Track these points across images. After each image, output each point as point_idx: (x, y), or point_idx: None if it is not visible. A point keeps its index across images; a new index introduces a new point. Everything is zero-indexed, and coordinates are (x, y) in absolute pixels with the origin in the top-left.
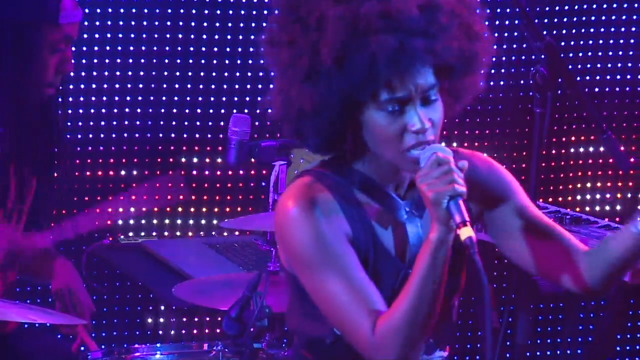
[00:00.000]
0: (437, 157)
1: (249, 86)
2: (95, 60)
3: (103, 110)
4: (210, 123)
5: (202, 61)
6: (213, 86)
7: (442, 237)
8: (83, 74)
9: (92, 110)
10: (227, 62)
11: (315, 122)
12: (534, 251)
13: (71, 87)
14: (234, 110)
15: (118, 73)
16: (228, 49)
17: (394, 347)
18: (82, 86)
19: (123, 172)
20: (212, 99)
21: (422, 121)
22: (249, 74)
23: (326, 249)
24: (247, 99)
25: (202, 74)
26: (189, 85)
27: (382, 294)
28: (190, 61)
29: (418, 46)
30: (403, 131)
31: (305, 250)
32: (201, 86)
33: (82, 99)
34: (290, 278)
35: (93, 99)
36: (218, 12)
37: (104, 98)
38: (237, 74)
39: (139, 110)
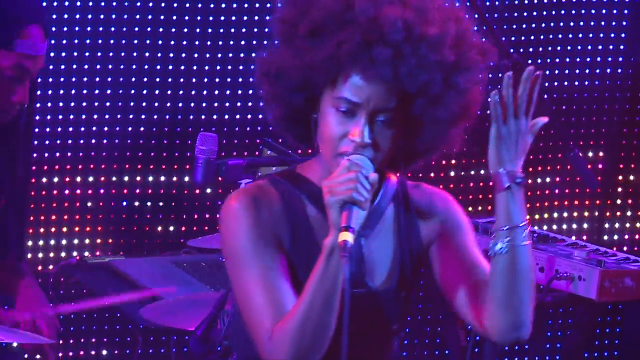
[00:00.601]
0: (349, 163)
1: (216, 104)
2: (62, 79)
3: (70, 129)
4: (177, 141)
5: (169, 79)
6: (180, 104)
7: (334, 242)
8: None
9: (60, 129)
10: (193, 80)
11: (275, 88)
12: (459, 292)
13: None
14: (201, 129)
15: (84, 101)
16: (195, 67)
17: (285, 352)
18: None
19: (90, 191)
20: (179, 117)
21: (363, 135)
22: (216, 92)
23: (254, 246)
24: (215, 117)
25: (168, 92)
26: (156, 104)
27: None
28: (157, 79)
29: (382, 55)
30: (344, 136)
31: (235, 243)
32: (168, 104)
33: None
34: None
35: (60, 117)
36: (184, 30)
37: (71, 116)
38: (205, 92)
39: (106, 129)
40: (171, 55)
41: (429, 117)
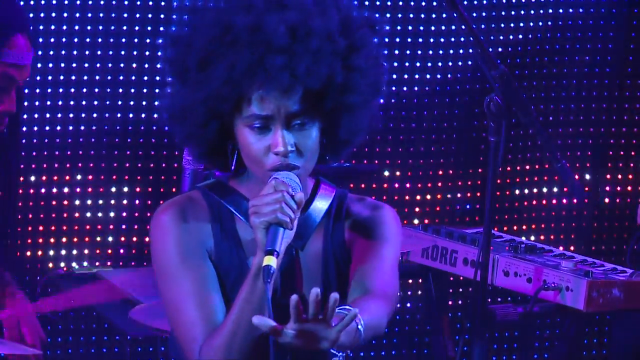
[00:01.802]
0: (275, 182)
1: None
2: (49, 90)
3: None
4: (164, 152)
5: (157, 90)
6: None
7: (260, 263)
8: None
9: (46, 140)
10: None
11: (184, 127)
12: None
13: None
14: None
15: (72, 112)
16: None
17: None
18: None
19: (78, 202)
20: (166, 128)
21: (284, 144)
22: None
23: (182, 259)
24: None
25: (156, 103)
26: (143, 115)
27: None
28: (145, 90)
29: (276, 63)
30: (267, 150)
31: (163, 256)
32: (155, 115)
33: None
34: None
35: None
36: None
37: (58, 127)
38: None
39: (93, 140)
40: (155, 65)
41: (343, 106)
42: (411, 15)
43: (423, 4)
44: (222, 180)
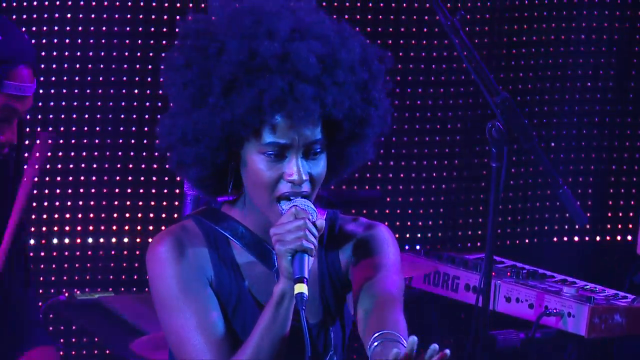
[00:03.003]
0: (295, 210)
1: None
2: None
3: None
4: (166, 178)
5: (159, 115)
6: None
7: (284, 289)
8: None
9: (48, 165)
10: None
11: (196, 150)
12: (358, 311)
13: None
14: None
15: (73, 138)
16: None
17: None
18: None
19: (79, 227)
20: (167, 154)
21: (300, 173)
22: None
23: (184, 288)
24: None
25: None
26: (145, 141)
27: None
28: (146, 116)
29: (307, 93)
30: (279, 178)
31: (164, 288)
32: (157, 141)
33: None
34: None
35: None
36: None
37: (60, 153)
38: None
39: (95, 166)
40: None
41: (356, 137)
42: (413, 42)
43: (425, 30)
44: (214, 207)
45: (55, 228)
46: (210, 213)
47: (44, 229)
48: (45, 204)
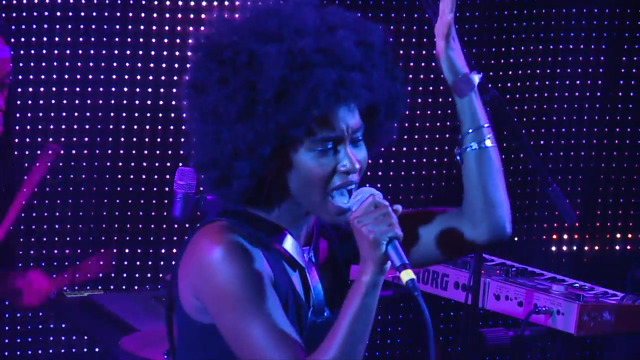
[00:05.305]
0: (374, 200)
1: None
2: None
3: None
4: (155, 176)
5: (148, 114)
6: (159, 140)
7: (374, 279)
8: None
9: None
10: (172, 115)
11: (249, 162)
12: (429, 241)
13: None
14: (180, 164)
15: (64, 136)
16: (174, 103)
17: None
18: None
19: (69, 226)
20: (157, 152)
21: (353, 162)
22: None
23: (253, 290)
24: (193, 152)
25: (147, 127)
26: (134, 139)
27: None
28: (136, 114)
29: (357, 80)
30: (333, 172)
31: (231, 290)
32: (147, 139)
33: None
34: (192, 331)
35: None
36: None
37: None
38: (183, 126)
39: (84, 164)
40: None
41: (389, 117)
42: (402, 40)
43: (415, 28)
44: (236, 209)
45: (45, 226)
46: (237, 215)
47: (33, 226)
48: (35, 202)
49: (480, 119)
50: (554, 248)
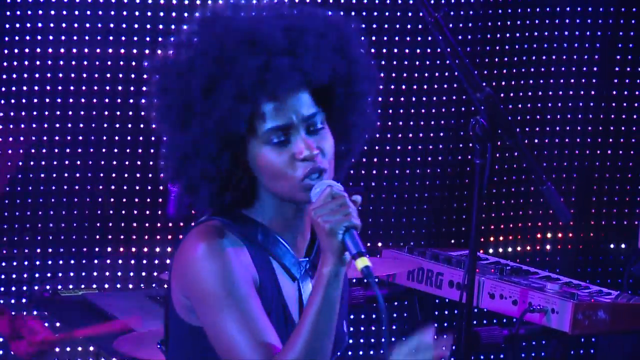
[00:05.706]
0: (331, 190)
1: None
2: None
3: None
4: (150, 175)
5: (142, 112)
6: (153, 138)
7: (335, 270)
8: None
9: (32, 162)
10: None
11: (199, 165)
12: None
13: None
14: None
15: (57, 135)
16: None
17: None
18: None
19: (63, 225)
20: (151, 150)
21: (309, 147)
22: None
23: (231, 287)
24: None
25: (141, 125)
26: (128, 137)
27: None
28: (130, 113)
29: (283, 64)
30: (292, 161)
31: (210, 287)
32: (141, 138)
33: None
34: (181, 330)
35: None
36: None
37: (44, 149)
38: None
39: (78, 163)
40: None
41: (350, 99)
42: (396, 39)
43: (408, 26)
44: (237, 210)
45: (39, 225)
46: (228, 215)
47: (27, 225)
48: (29, 200)
49: None
50: (548, 247)
